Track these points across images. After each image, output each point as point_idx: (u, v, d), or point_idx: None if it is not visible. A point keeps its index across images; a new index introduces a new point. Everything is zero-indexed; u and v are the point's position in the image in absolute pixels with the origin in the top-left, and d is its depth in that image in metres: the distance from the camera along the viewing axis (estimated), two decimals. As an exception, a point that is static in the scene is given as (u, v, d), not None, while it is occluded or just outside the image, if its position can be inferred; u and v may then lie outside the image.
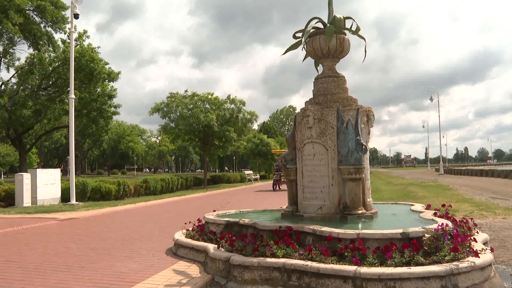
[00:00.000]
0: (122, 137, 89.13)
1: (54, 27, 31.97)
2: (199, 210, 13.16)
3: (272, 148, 49.67)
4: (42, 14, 30.73)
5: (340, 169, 6.65)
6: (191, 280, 5.39)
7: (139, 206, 16.63)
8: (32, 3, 29.35)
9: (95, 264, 6.41)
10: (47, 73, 35.39)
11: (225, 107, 32.36)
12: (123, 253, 7.26)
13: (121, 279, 5.50)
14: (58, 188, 17.97)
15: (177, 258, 6.70)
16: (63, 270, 6.08)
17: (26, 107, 35.22)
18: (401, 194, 18.52)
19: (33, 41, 31.77)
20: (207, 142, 32.74)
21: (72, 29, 18.52)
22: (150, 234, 9.42)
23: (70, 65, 18.29)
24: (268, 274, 5.12)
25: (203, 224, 7.44)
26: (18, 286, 5.35)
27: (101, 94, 34.66)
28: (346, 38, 7.35)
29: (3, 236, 9.66)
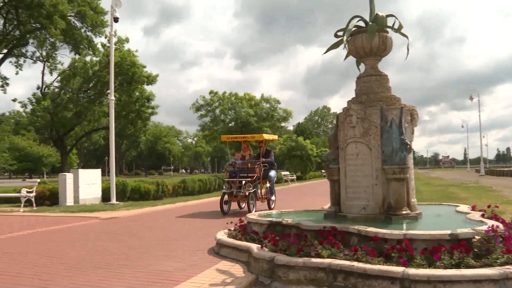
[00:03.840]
0: (159, 138, 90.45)
1: (93, 32, 32.77)
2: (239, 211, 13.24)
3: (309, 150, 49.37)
4: (83, 19, 31.60)
5: (384, 168, 6.54)
6: (235, 280, 5.39)
7: (178, 206, 16.81)
8: (73, 9, 30.13)
9: (138, 262, 6.50)
10: (88, 77, 36.27)
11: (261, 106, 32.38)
12: (164, 252, 7.34)
13: (165, 278, 5.55)
14: (99, 188, 18.34)
15: (219, 257, 6.73)
16: (106, 268, 6.19)
17: (67, 110, 36.26)
18: (441, 195, 18.11)
19: (74, 46, 32.63)
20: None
21: (112, 32, 18.84)
22: (191, 233, 9.49)
23: (110, 67, 18.65)
24: (313, 275, 5.08)
25: (245, 224, 7.45)
26: (63, 281, 5.48)
27: (140, 96, 35.24)
28: (389, 36, 7.24)
29: (49, 233, 9.92)
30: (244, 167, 13.89)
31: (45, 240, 8.88)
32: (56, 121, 36.45)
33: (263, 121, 30.91)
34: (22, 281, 5.52)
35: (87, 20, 31.53)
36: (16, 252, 7.55)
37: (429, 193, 19.51)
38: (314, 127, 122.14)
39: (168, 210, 15.32)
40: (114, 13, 17.68)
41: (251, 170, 13.70)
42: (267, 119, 31.54)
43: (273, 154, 14.92)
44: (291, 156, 49.71)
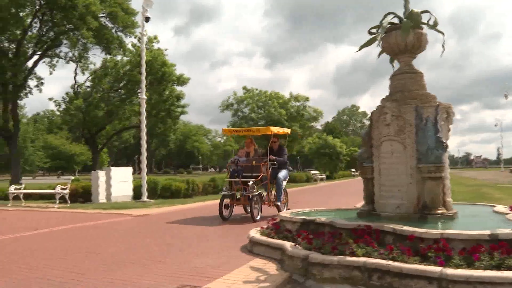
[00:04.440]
0: (188, 137, 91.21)
1: (124, 32, 33.18)
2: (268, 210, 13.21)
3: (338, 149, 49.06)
4: (114, 20, 31.99)
5: (419, 167, 6.44)
6: (269, 278, 5.39)
7: (208, 204, 16.92)
8: (105, 9, 30.60)
9: (173, 259, 6.57)
10: (119, 76, 36.84)
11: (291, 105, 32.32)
12: (198, 249, 7.41)
13: (199, 274, 5.60)
14: (130, 186, 18.61)
15: (252, 255, 6.75)
16: (141, 264, 6.28)
17: (99, 109, 36.87)
18: (475, 196, 17.74)
19: (106, 46, 33.12)
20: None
21: (143, 32, 19.05)
22: (223, 231, 9.55)
23: (142, 67, 18.86)
24: (348, 273, 5.04)
25: (278, 222, 7.45)
26: (100, 276, 5.57)
27: (170, 95, 35.58)
28: (424, 33, 7.12)
29: (84, 229, 10.12)
30: (248, 165, 11.98)
31: (81, 236, 9.07)
32: (88, 120, 37.16)
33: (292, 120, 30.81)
34: (62, 275, 5.65)
35: (118, 21, 31.94)
36: (54, 247, 7.73)
37: (462, 193, 19.14)
38: (343, 126, 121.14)
39: (198, 208, 15.44)
40: (145, 13, 17.89)
41: (256, 169, 11.74)
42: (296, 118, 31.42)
43: (286, 151, 12.72)
44: (320, 155, 49.51)
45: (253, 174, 11.67)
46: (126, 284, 5.24)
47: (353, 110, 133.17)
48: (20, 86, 30.53)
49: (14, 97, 30.62)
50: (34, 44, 31.23)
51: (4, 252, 7.37)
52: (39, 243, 8.27)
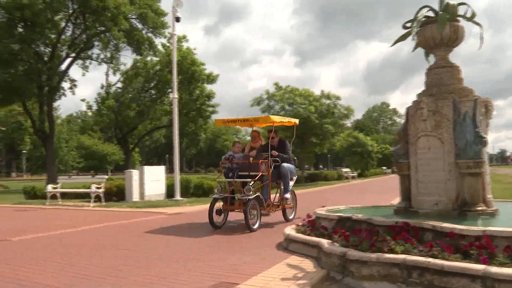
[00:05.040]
0: (218, 136, 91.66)
1: (154, 33, 33.59)
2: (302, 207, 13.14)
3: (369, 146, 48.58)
4: (144, 21, 32.43)
5: (457, 163, 6.32)
6: (307, 275, 5.36)
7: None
8: (135, 11, 31.05)
9: (209, 256, 6.60)
10: (149, 76, 37.31)
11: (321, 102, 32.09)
12: (234, 246, 7.43)
13: (235, 272, 5.60)
14: (163, 185, 18.81)
15: (288, 252, 6.73)
16: (177, 261, 6.33)
17: (130, 109, 37.41)
18: (514, 193, 17.29)
19: (136, 47, 33.60)
20: (304, 139, 32.73)
21: (174, 31, 19.21)
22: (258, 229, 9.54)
23: (173, 66, 19.02)
24: (387, 270, 4.96)
25: (313, 220, 7.40)
26: (136, 272, 5.64)
27: (200, 95, 35.84)
28: (460, 26, 6.98)
29: (120, 227, 10.28)
30: (245, 163, 10.00)
31: (117, 234, 9.21)
32: (120, 120, 37.76)
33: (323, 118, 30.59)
34: (101, 272, 5.74)
35: (148, 22, 32.36)
36: (92, 244, 7.87)
37: (499, 191, 18.65)
38: (373, 123, 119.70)
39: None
40: (175, 13, 18.04)
41: (254, 167, 9.82)
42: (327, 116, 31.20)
43: (289, 146, 10.78)
44: (351, 153, 49.11)
45: (250, 173, 9.74)
46: (163, 280, 5.29)
47: (383, 108, 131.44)
48: (54, 88, 31.32)
49: (49, 99, 31.41)
50: (67, 47, 32.02)
51: (44, 248, 7.53)
52: (77, 240, 8.43)
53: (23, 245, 8.08)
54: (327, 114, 31.50)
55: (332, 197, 18.39)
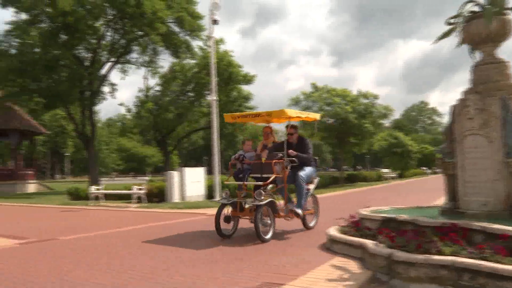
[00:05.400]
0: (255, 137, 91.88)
1: (191, 36, 33.95)
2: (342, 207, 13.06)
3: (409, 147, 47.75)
4: (181, 25, 32.80)
5: (507, 162, 6.12)
6: (352, 276, 5.30)
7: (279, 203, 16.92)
8: (172, 15, 31.47)
9: (253, 257, 6.60)
10: (187, 79, 37.77)
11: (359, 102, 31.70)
12: (277, 247, 7.42)
13: (279, 272, 5.58)
14: (203, 186, 18.97)
15: (331, 253, 6.66)
16: (220, 261, 6.35)
17: (169, 111, 37.94)
18: None
19: (174, 50, 34.06)
20: (343, 139, 32.43)
21: (212, 34, 19.35)
22: (298, 230, 9.50)
23: (211, 68, 19.16)
24: (436, 272, 4.84)
25: (357, 220, 7.31)
26: (182, 272, 5.68)
27: (238, 96, 36.04)
28: (508, 19, 6.75)
29: (163, 228, 10.41)
30: (257, 163, 8.88)
31: (161, 234, 9.32)
32: (158, 122, 38.34)
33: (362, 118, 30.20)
34: (150, 270, 5.82)
35: (185, 25, 32.72)
36: (138, 244, 7.99)
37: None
38: (411, 123, 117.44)
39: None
40: (213, 16, 18.16)
41: (267, 168, 8.61)
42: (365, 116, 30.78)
43: (311, 144, 9.27)
44: (391, 153, 48.36)
45: (263, 175, 8.59)
46: (209, 280, 5.33)
47: (422, 107, 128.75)
48: (95, 92, 32.09)
49: (90, 103, 32.20)
50: (107, 52, 32.75)
51: (91, 247, 7.69)
52: (123, 239, 8.58)
53: (71, 244, 8.29)
54: (365, 114, 31.08)
55: (372, 198, 18.14)
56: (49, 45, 28.74)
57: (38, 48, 29.50)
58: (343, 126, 29.82)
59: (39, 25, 30.23)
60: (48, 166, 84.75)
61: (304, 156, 8.91)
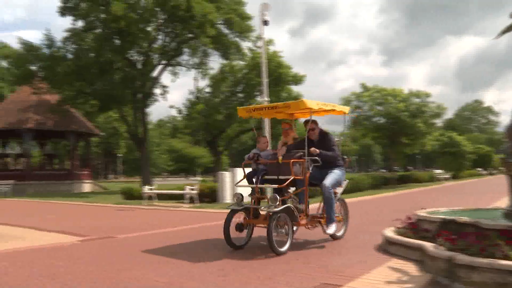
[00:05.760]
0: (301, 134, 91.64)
1: (241, 37, 34.15)
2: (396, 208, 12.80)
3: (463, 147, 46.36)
4: (231, 26, 33.07)
5: None
6: (411, 279, 5.17)
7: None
8: (221, 17, 31.80)
9: (308, 258, 6.57)
10: (237, 80, 38.06)
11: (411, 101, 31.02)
12: (331, 247, 7.36)
13: (335, 273, 5.51)
14: (254, 186, 19.02)
15: (388, 255, 6.53)
16: (277, 262, 6.33)
17: (219, 112, 38.33)
18: None
19: (224, 52, 34.37)
20: (394, 139, 31.85)
21: (262, 35, 19.39)
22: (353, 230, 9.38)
23: (262, 69, 19.23)
24: (502, 278, 4.64)
25: (414, 222, 7.13)
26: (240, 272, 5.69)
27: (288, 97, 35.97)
28: None
29: (216, 227, 10.46)
30: (273, 163, 7.72)
31: (215, 234, 9.39)
32: (209, 123, 38.78)
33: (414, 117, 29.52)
34: (205, 270, 5.89)
35: (235, 27, 32.96)
36: (194, 243, 8.10)
37: None
38: (464, 123, 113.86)
39: (321, 208, 15.37)
40: (263, 17, 18.19)
41: (284, 169, 7.47)
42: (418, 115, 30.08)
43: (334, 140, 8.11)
44: (444, 154, 47.08)
45: (279, 176, 7.51)
46: (265, 280, 5.32)
47: (476, 106, 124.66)
48: (147, 94, 32.85)
49: (142, 105, 33.00)
50: (159, 54, 33.46)
51: (148, 245, 7.84)
52: (178, 238, 8.71)
53: (128, 242, 8.50)
54: (417, 113, 30.38)
55: (427, 199, 17.70)
56: (103, 50, 29.74)
57: (93, 53, 30.61)
58: (395, 126, 29.25)
59: (94, 31, 31.38)
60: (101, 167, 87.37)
61: (328, 154, 7.72)
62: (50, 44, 31.30)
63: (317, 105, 7.64)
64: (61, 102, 32.42)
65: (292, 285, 5.08)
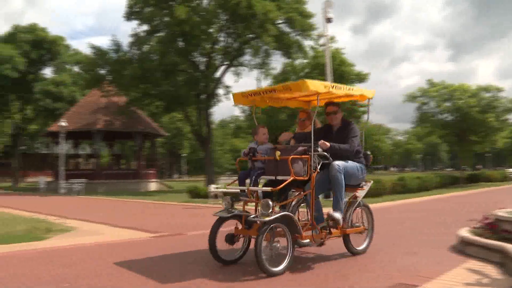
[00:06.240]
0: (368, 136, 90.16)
1: (302, 35, 33.99)
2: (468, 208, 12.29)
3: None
4: (292, 25, 32.98)
5: None
6: (493, 282, 4.90)
7: (398, 203, 16.44)
8: (282, 16, 31.78)
9: (380, 257, 6.43)
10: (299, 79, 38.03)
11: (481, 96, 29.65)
12: (404, 247, 7.15)
13: (410, 273, 5.33)
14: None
15: (464, 256, 6.25)
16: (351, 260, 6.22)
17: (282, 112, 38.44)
18: None
19: (285, 51, 34.33)
20: (463, 137, 30.61)
21: (325, 33, 19.20)
22: (424, 230, 9.10)
23: (326, 67, 19.10)
24: None
25: (492, 222, 6.78)
26: (314, 271, 5.63)
27: (351, 95, 35.57)
28: None
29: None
30: (270, 160, 6.16)
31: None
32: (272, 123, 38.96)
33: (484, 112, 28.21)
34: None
35: (296, 25, 32.85)
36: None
37: None
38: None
39: (389, 207, 15.06)
40: (327, 14, 18.01)
41: (284, 167, 5.89)
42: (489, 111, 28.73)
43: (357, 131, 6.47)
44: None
45: (277, 177, 5.98)
46: (339, 277, 5.26)
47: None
48: (211, 95, 33.40)
49: (206, 105, 33.59)
50: (221, 55, 33.94)
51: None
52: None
53: (197, 239, 8.60)
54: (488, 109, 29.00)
55: (501, 199, 16.87)
56: (167, 52, 30.53)
57: (157, 56, 31.50)
58: (464, 123, 28.09)
59: (158, 34, 32.28)
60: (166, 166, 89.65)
61: (343, 147, 6.15)
62: (117, 49, 32.58)
63: (324, 87, 6.05)
64: (128, 104, 33.60)
65: (365, 283, 4.99)
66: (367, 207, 7.02)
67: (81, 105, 39.24)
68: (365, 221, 6.88)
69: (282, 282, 5.18)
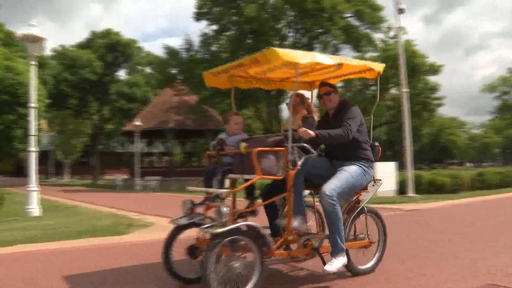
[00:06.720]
0: (441, 130, 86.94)
1: (372, 28, 33.37)
2: None
3: None
4: (361, 18, 32.44)
5: None
6: None
7: (477, 200, 15.75)
8: (351, 9, 31.33)
9: (468, 255, 6.11)
10: (373, 73, 37.46)
11: None
12: (491, 246, 6.77)
13: (501, 274, 5.04)
14: (394, 180, 18.42)
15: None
16: (434, 257, 5.96)
17: (354, 106, 38.06)
18: None
19: (355, 44, 33.81)
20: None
21: (398, 24, 18.65)
22: (502, 229, 8.62)
23: (400, 59, 18.55)
24: None
25: None
26: (396, 266, 5.46)
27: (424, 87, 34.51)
28: None
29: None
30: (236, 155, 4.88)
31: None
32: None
33: None
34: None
35: (365, 18, 32.28)
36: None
37: None
38: None
39: (468, 204, 14.46)
40: (399, 5, 17.53)
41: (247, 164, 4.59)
42: None
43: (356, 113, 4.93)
44: None
45: (244, 176, 4.73)
46: (426, 275, 5.10)
47: None
48: (281, 91, 33.50)
49: (277, 102, 33.83)
50: (290, 51, 33.95)
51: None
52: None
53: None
54: None
55: None
56: (236, 51, 30.90)
57: (227, 54, 31.97)
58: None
59: (227, 33, 32.75)
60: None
61: (334, 133, 4.66)
62: (188, 48, 33.39)
63: (305, 57, 4.55)
64: (199, 103, 34.34)
65: (454, 282, 4.78)
66: (376, 214, 5.55)
67: (154, 104, 40.51)
68: (375, 232, 5.48)
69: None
